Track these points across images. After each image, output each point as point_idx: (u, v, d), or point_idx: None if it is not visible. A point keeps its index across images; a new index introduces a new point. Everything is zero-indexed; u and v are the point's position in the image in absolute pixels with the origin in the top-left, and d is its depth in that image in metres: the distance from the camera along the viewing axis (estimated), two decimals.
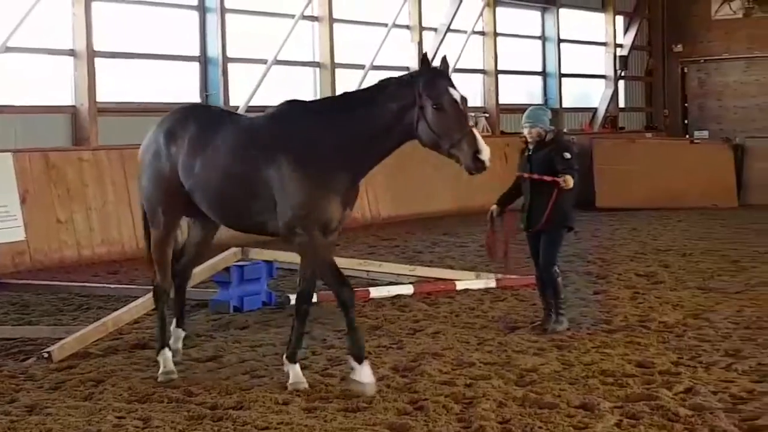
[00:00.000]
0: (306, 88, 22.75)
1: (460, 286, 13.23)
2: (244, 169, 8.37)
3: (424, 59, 8.31)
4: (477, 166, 8.00)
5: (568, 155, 10.46)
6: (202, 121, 8.81)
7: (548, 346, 9.91)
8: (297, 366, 8.56)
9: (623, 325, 10.90)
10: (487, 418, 7.47)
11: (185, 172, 8.67)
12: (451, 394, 8.16)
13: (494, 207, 10.88)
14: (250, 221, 8.61)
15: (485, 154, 7.96)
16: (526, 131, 10.70)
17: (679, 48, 32.84)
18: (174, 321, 9.45)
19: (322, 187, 8.17)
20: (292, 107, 8.61)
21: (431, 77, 8.20)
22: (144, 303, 11.01)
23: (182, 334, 9.53)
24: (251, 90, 20.89)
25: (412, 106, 8.14)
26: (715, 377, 8.49)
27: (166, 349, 8.99)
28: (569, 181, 10.32)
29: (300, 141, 8.25)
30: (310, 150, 8.20)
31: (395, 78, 8.53)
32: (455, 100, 8.13)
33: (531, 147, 10.68)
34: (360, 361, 8.27)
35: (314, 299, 12.26)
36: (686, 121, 32.85)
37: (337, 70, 22.83)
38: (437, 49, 25.26)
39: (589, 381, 8.45)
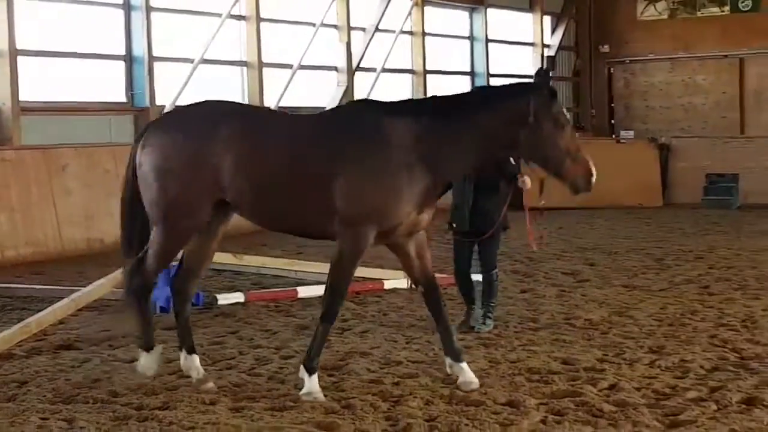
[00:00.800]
0: (233, 87, 22.64)
1: (388, 285, 13.24)
2: (313, 168, 7.92)
3: (545, 72, 8.18)
4: (588, 188, 8.08)
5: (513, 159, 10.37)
6: (248, 117, 8.28)
7: (475, 344, 9.96)
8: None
9: (549, 322, 10.98)
10: (414, 416, 7.49)
11: (234, 173, 7.99)
12: (379, 392, 8.17)
13: None
14: (305, 223, 8.22)
15: (595, 176, 8.03)
16: None
17: (605, 48, 33.14)
18: (184, 350, 8.61)
19: (396, 191, 7.84)
20: (369, 106, 8.34)
21: (550, 94, 7.96)
22: (68, 304, 10.91)
23: (197, 359, 8.65)
24: (178, 89, 20.74)
25: (523, 120, 7.86)
26: (638, 373, 8.58)
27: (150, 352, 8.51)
28: (528, 182, 10.37)
29: (382, 141, 7.86)
30: (391, 151, 7.84)
31: (503, 86, 8.31)
32: (569, 121, 8.02)
33: None
34: (310, 373, 8.09)
35: (242, 299, 12.31)
36: (612, 121, 33.16)
37: (265, 70, 22.74)
38: (365, 49, 25.30)
39: (515, 378, 8.50)
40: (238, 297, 12.52)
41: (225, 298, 12.37)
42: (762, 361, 8.89)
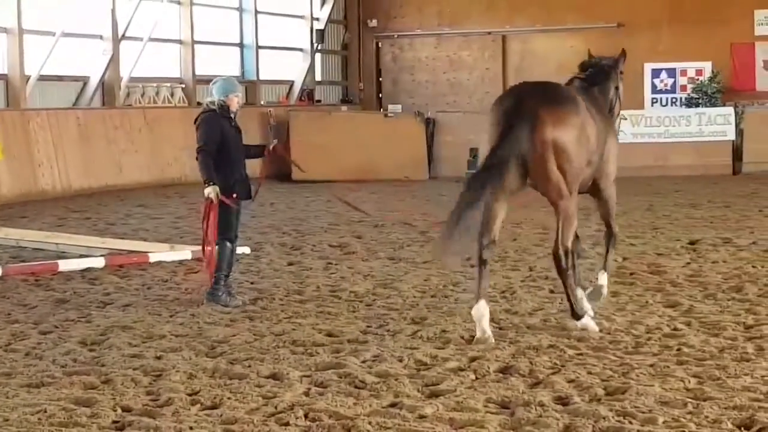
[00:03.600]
0: None
1: (153, 258, 13.05)
2: (602, 135, 9.36)
3: (623, 54, 10.12)
4: None
5: None
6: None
7: (240, 317, 9.91)
8: None
9: (315, 295, 11.03)
10: (176, 390, 7.39)
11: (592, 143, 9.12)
12: (140, 366, 8.04)
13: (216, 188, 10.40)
14: (588, 183, 9.45)
15: None
16: (237, 100, 10.66)
17: (374, 23, 33.44)
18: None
19: None
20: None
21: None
22: None
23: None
24: None
25: (616, 85, 10.00)
26: (401, 344, 8.69)
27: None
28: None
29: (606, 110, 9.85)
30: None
31: (605, 59, 10.08)
32: None
33: (233, 116, 10.65)
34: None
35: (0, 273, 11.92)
36: (380, 95, 33.53)
37: (26, 36, 21.98)
38: (131, 17, 24.78)
39: (280, 351, 8.50)
40: None
41: None
42: (519, 331, 9.15)
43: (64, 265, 12.46)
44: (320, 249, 14.34)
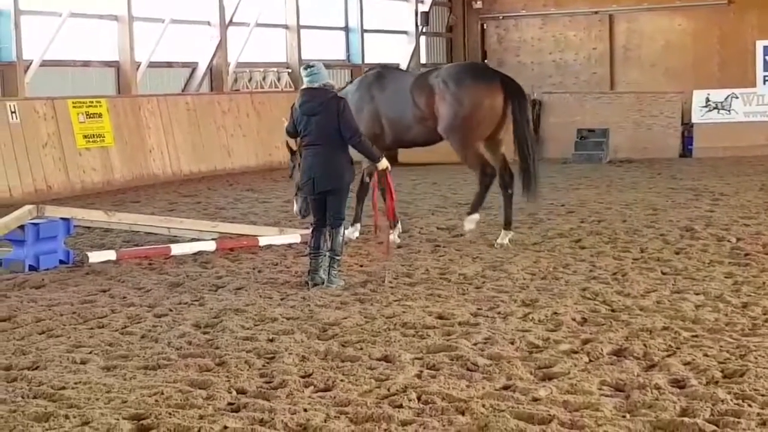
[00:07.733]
0: (103, 42, 22.20)
1: (263, 241, 13.17)
2: None
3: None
4: None
5: None
6: None
7: (351, 299, 9.95)
8: None
9: (424, 277, 11.02)
10: (290, 372, 7.45)
11: None
12: (254, 349, 8.11)
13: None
14: None
15: None
16: None
17: (478, 4, 33.29)
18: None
19: None
20: None
21: None
22: None
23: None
24: (46, 44, 20.27)
25: None
26: (512, 327, 8.65)
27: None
28: None
29: None
30: None
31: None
32: None
33: None
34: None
35: (114, 257, 12.13)
36: None
37: (135, 23, 22.31)
38: (238, 3, 25.01)
39: (391, 333, 8.51)
40: (109, 255, 12.32)
41: (96, 256, 12.16)
42: (632, 313, 9.04)
43: (177, 249, 12.63)
44: (428, 232, 14.34)
